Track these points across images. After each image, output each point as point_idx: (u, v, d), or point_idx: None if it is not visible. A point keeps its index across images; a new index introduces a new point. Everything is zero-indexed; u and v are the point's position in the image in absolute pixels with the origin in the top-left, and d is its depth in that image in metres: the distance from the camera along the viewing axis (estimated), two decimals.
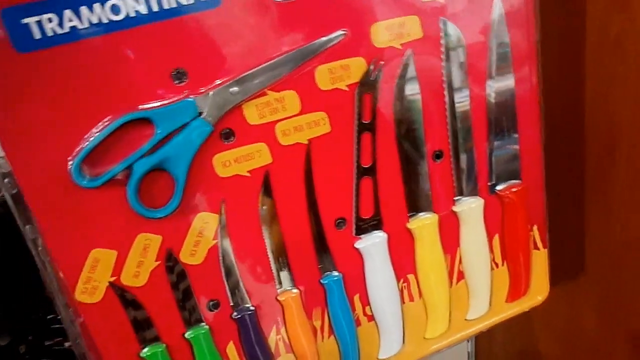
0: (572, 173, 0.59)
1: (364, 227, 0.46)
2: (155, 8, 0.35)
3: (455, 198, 0.49)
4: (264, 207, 0.42)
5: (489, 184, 0.50)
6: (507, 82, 0.46)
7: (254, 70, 0.38)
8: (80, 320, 0.39)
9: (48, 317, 0.38)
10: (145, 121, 0.36)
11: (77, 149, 0.35)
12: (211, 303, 0.43)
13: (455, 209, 0.49)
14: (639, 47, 0.49)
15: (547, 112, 0.49)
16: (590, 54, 0.52)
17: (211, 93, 0.38)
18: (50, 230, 0.36)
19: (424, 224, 0.48)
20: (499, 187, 0.50)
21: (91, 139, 0.35)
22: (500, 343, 0.82)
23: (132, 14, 0.35)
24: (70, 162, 0.35)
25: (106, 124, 0.36)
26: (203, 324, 0.43)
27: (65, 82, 0.34)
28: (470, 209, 0.49)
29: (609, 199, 0.56)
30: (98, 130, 0.36)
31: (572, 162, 0.59)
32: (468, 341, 0.82)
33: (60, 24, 0.33)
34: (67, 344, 0.46)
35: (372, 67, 0.42)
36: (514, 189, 0.50)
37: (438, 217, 0.49)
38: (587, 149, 0.57)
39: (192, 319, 0.43)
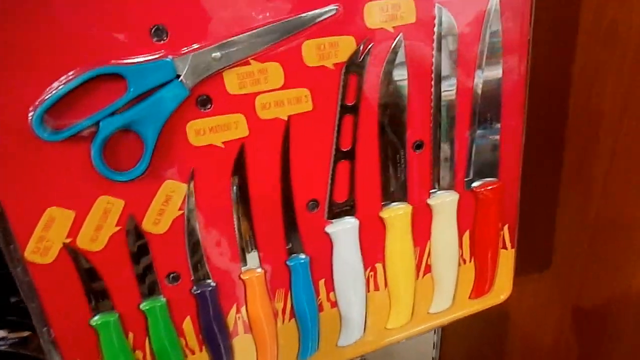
0: (547, 171, 0.59)
1: (336, 212, 0.45)
2: None
3: (431, 191, 0.48)
4: (236, 182, 0.41)
5: (466, 179, 0.49)
6: (495, 72, 0.45)
7: (239, 36, 0.36)
8: (27, 280, 0.37)
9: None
10: (117, 77, 0.34)
11: (41, 99, 0.33)
12: (171, 275, 0.42)
13: (429, 201, 0.48)
14: (630, 39, 0.48)
15: (529, 103, 0.48)
16: (580, 44, 0.51)
17: (191, 55, 0.35)
18: (5, 181, 0.34)
19: (397, 214, 0.47)
20: (475, 184, 0.49)
21: (57, 89, 0.33)
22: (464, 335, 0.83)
23: None
24: (32, 113, 0.33)
25: (75, 76, 0.33)
26: (160, 296, 0.42)
27: (33, 26, 0.32)
28: (445, 203, 0.49)
29: (586, 195, 0.56)
30: (65, 81, 0.33)
31: (548, 158, 0.58)
32: (434, 332, 0.82)
33: None
34: None
35: (361, 47, 0.40)
36: (489, 187, 0.50)
37: (412, 208, 0.48)
38: (566, 144, 0.56)
39: (149, 291, 0.41)
